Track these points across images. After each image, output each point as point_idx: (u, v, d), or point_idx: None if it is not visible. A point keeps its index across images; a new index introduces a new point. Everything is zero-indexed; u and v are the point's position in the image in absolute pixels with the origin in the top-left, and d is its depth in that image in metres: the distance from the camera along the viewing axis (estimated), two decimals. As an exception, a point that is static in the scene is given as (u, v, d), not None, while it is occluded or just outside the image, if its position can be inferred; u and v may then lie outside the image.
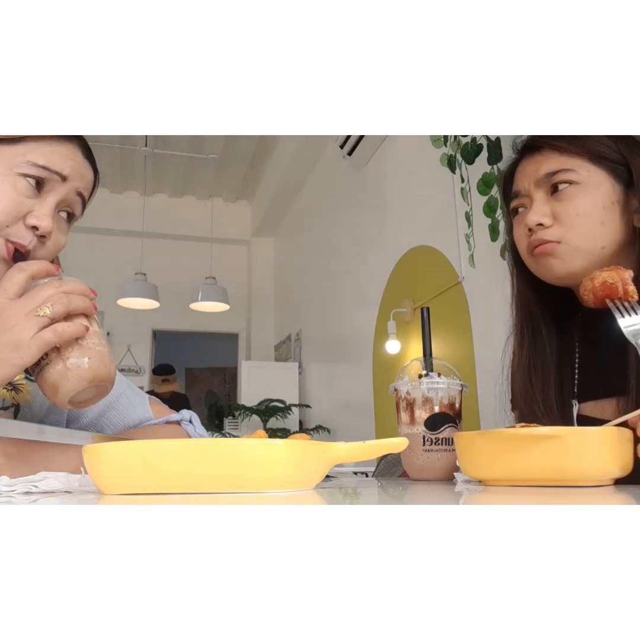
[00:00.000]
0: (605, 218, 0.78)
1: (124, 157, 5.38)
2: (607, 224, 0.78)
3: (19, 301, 0.59)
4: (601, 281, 0.70)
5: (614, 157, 0.79)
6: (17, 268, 0.61)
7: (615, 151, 0.79)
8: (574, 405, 0.80)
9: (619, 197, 0.79)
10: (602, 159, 0.79)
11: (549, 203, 0.80)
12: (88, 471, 0.46)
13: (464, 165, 2.51)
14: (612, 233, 0.78)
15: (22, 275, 0.60)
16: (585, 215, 0.78)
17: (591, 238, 0.78)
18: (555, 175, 0.80)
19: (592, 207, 0.78)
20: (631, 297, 0.69)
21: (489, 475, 0.58)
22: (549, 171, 0.80)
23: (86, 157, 0.73)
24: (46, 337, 0.58)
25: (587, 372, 0.84)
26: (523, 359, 0.87)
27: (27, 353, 0.57)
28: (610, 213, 0.78)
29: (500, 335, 0.95)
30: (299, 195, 5.37)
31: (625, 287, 0.69)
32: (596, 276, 0.71)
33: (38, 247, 0.69)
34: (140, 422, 0.82)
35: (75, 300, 0.61)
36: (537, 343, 0.87)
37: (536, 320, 0.88)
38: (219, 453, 0.43)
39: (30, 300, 0.59)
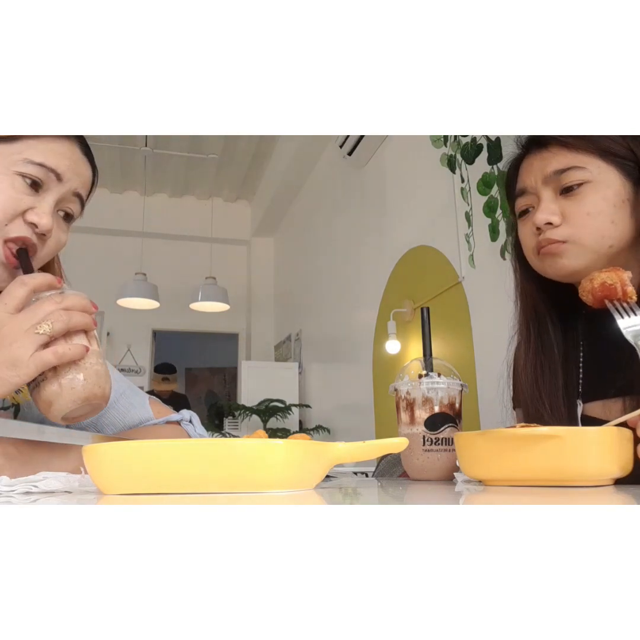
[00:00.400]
0: (615, 217, 0.76)
1: (124, 157, 5.38)
2: (617, 223, 0.76)
3: (19, 316, 0.58)
4: (600, 282, 0.69)
5: (623, 153, 0.77)
6: (19, 282, 0.61)
7: (624, 147, 0.77)
8: (579, 405, 0.80)
9: (629, 194, 0.77)
10: (612, 155, 0.77)
11: (558, 201, 0.79)
12: (88, 471, 0.46)
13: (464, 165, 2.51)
14: (621, 232, 0.77)
15: (23, 289, 0.60)
16: (597, 214, 0.76)
17: (600, 237, 0.76)
18: (564, 172, 0.78)
19: (603, 206, 0.76)
20: (630, 298, 0.68)
21: (489, 475, 0.58)
22: (558, 168, 0.78)
23: (84, 153, 0.73)
24: (46, 357, 0.57)
25: (591, 371, 0.83)
26: (529, 359, 0.85)
27: (24, 372, 0.57)
28: (621, 211, 0.76)
29: (501, 335, 0.95)
30: (299, 195, 5.37)
31: (624, 288, 0.69)
32: (595, 277, 0.70)
33: (39, 246, 0.69)
34: (140, 422, 0.82)
35: (75, 318, 0.61)
36: (544, 342, 0.85)
37: (542, 319, 0.86)
38: (219, 453, 0.43)
39: (30, 316, 0.58)
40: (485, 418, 2.32)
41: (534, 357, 0.85)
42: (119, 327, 5.59)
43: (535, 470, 0.53)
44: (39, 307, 0.59)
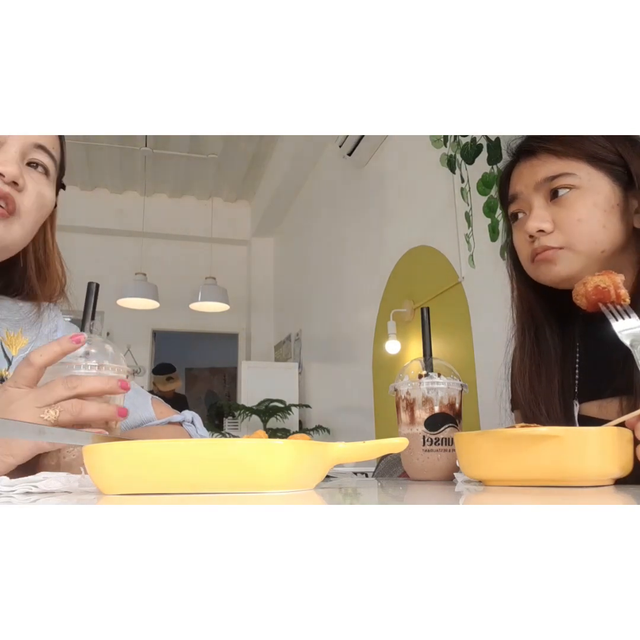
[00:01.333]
0: (606, 221, 0.77)
1: (124, 157, 5.38)
2: (608, 228, 0.77)
3: (29, 393, 0.56)
4: (593, 285, 0.70)
5: (611, 158, 0.78)
6: (26, 362, 0.57)
7: (612, 152, 0.78)
8: (575, 405, 0.80)
9: (619, 199, 0.78)
10: (600, 161, 0.78)
11: (549, 208, 0.80)
12: (88, 471, 0.46)
13: (463, 165, 2.51)
14: (613, 236, 0.77)
15: (30, 369, 0.57)
16: (587, 220, 0.77)
17: (592, 242, 0.77)
18: (554, 179, 0.79)
19: (594, 212, 0.77)
20: (623, 301, 0.69)
21: (489, 475, 0.58)
22: (547, 175, 0.79)
23: None
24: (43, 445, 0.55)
25: (588, 372, 0.83)
26: (525, 363, 0.86)
27: (20, 454, 0.55)
28: (611, 216, 0.77)
29: (501, 335, 0.95)
30: (299, 196, 5.37)
31: (618, 290, 0.69)
32: (588, 281, 0.71)
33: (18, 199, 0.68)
34: (142, 422, 0.82)
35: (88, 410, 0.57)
36: (540, 347, 0.86)
37: (539, 323, 0.87)
38: (219, 453, 0.43)
39: (40, 398, 0.56)
40: (485, 418, 2.32)
41: (529, 361, 0.86)
42: (119, 327, 5.59)
43: (535, 470, 0.53)
44: (51, 390, 0.56)
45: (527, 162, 0.82)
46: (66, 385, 0.56)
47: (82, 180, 5.62)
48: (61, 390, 0.56)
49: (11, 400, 0.56)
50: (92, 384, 0.58)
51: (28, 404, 0.55)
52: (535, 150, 0.81)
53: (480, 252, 2.51)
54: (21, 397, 0.56)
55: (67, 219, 5.68)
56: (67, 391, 0.56)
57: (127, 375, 0.64)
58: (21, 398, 0.56)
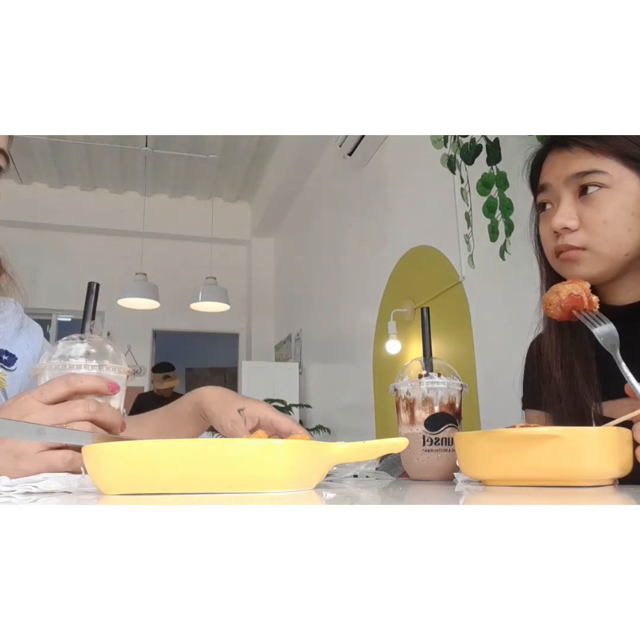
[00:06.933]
0: (632, 225, 0.76)
1: (124, 157, 5.38)
2: (633, 231, 0.76)
3: (47, 409, 0.57)
4: (567, 294, 0.71)
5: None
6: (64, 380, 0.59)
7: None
8: (592, 404, 0.79)
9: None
10: (633, 160, 0.77)
11: (576, 205, 0.78)
12: (88, 471, 0.46)
13: (463, 165, 2.51)
14: (638, 239, 0.77)
15: (63, 388, 0.59)
16: (613, 222, 0.76)
17: (616, 245, 0.76)
18: (585, 176, 0.77)
19: (621, 214, 0.76)
20: (595, 307, 0.71)
21: (489, 475, 0.58)
22: (579, 171, 0.78)
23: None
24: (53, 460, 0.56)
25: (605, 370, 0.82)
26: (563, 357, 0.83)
27: (26, 467, 0.55)
28: (638, 219, 0.76)
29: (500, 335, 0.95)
30: (299, 196, 5.37)
31: (589, 297, 0.71)
32: (560, 290, 0.72)
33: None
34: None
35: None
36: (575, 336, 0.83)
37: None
38: (219, 453, 0.43)
39: (57, 415, 0.57)
40: (485, 418, 2.32)
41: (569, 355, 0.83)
42: (119, 327, 5.59)
43: (535, 470, 0.53)
44: (68, 410, 0.58)
45: (560, 154, 0.81)
46: (85, 409, 0.58)
47: (83, 180, 5.62)
48: (79, 413, 0.58)
49: (29, 412, 0.57)
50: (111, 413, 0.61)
51: (44, 419, 0.56)
52: (569, 143, 0.80)
53: (480, 252, 2.51)
54: (39, 411, 0.57)
55: (67, 219, 5.69)
56: (85, 414, 0.58)
57: (128, 375, 0.64)
58: (39, 412, 0.57)
